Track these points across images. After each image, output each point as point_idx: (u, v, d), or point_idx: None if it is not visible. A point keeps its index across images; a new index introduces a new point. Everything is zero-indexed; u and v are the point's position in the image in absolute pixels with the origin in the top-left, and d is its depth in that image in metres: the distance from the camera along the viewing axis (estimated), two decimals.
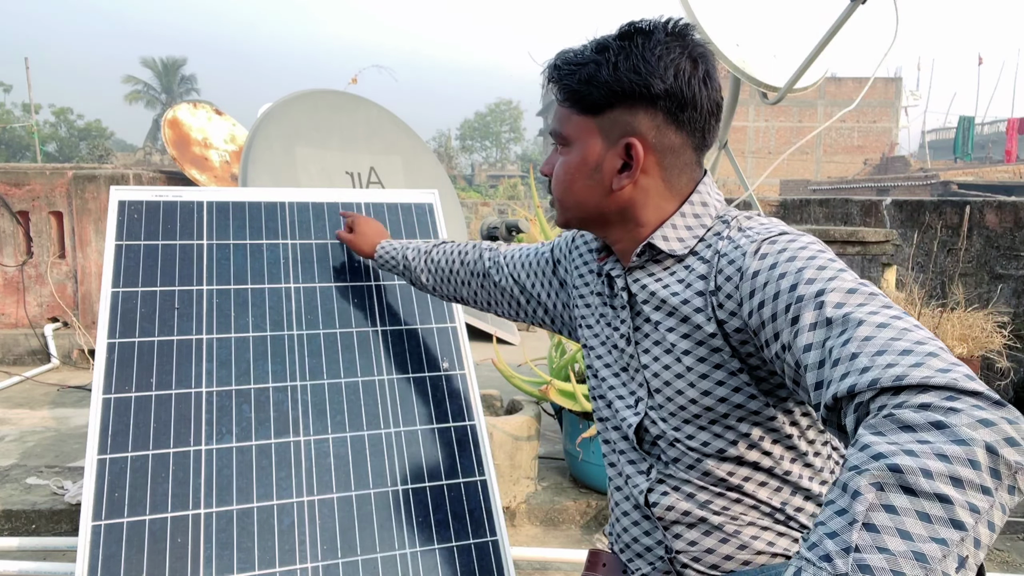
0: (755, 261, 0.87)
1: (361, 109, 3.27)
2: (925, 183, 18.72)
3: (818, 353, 0.74)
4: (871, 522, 0.55)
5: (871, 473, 0.57)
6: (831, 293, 0.76)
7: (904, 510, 0.55)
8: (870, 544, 0.55)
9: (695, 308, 0.93)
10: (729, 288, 0.90)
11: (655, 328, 0.98)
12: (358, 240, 1.72)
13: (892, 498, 0.56)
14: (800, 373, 0.77)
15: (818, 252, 0.84)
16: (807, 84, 2.88)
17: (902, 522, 0.55)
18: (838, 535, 0.56)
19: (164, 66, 48.73)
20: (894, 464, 0.56)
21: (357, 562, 1.48)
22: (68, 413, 3.62)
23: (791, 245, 0.85)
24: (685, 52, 0.92)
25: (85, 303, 4.66)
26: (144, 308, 1.65)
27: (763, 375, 0.92)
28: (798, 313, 0.77)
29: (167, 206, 1.79)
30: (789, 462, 0.95)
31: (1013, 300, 3.87)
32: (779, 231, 0.90)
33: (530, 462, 2.57)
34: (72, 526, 2.35)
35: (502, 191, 28.98)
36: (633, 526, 1.05)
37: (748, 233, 0.92)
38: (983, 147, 31.64)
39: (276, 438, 1.57)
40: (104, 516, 1.42)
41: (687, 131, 0.95)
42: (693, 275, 0.95)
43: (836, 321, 0.73)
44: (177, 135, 5.00)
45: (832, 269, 0.80)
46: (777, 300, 0.81)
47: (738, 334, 0.90)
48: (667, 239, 0.98)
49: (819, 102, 34.05)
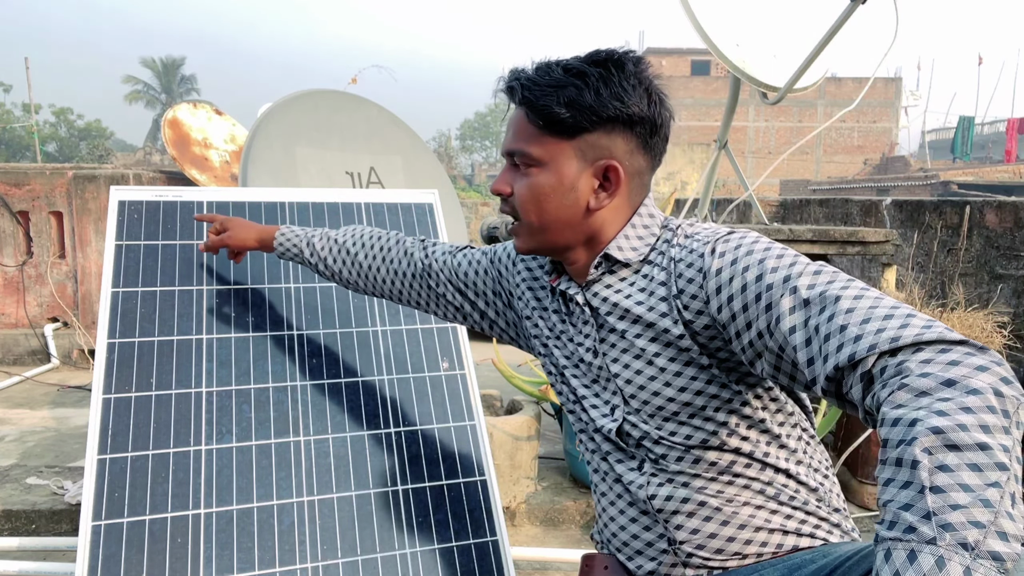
0: (715, 260, 0.92)
1: (361, 109, 3.27)
2: (925, 183, 18.72)
3: (803, 332, 0.79)
4: (936, 484, 0.60)
5: (918, 441, 0.61)
6: (800, 277, 0.82)
7: (957, 466, 0.60)
8: (943, 505, 0.59)
9: (660, 313, 0.97)
10: (692, 289, 0.95)
11: (622, 337, 1.01)
12: (238, 234, 1.55)
13: (943, 458, 0.61)
14: (785, 355, 0.83)
15: (771, 243, 0.91)
16: (807, 84, 2.88)
17: (960, 477, 0.60)
18: (912, 505, 0.61)
19: (164, 66, 48.72)
20: (934, 426, 0.61)
21: (357, 562, 1.48)
22: (68, 413, 3.62)
23: (743, 241, 0.92)
24: (650, 83, 0.99)
25: (85, 303, 4.66)
26: (144, 308, 1.65)
27: (731, 365, 0.97)
28: (771, 300, 0.83)
29: (167, 206, 1.79)
30: (766, 445, 0.99)
31: (1013, 300, 3.87)
32: (726, 231, 0.96)
33: (530, 462, 2.57)
34: (72, 526, 2.35)
35: None
36: (631, 523, 1.05)
37: (696, 237, 0.98)
38: (983, 147, 31.64)
39: (276, 438, 1.57)
40: (104, 516, 1.42)
41: (651, 155, 1.02)
42: (654, 283, 1.00)
43: (813, 300, 0.79)
44: (177, 135, 5.00)
45: (789, 256, 0.87)
46: (746, 292, 0.87)
47: (706, 331, 0.94)
48: (621, 248, 1.03)
49: (819, 102, 34.05)
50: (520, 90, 0.99)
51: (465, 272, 1.30)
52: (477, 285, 1.29)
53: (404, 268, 1.35)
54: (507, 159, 1.04)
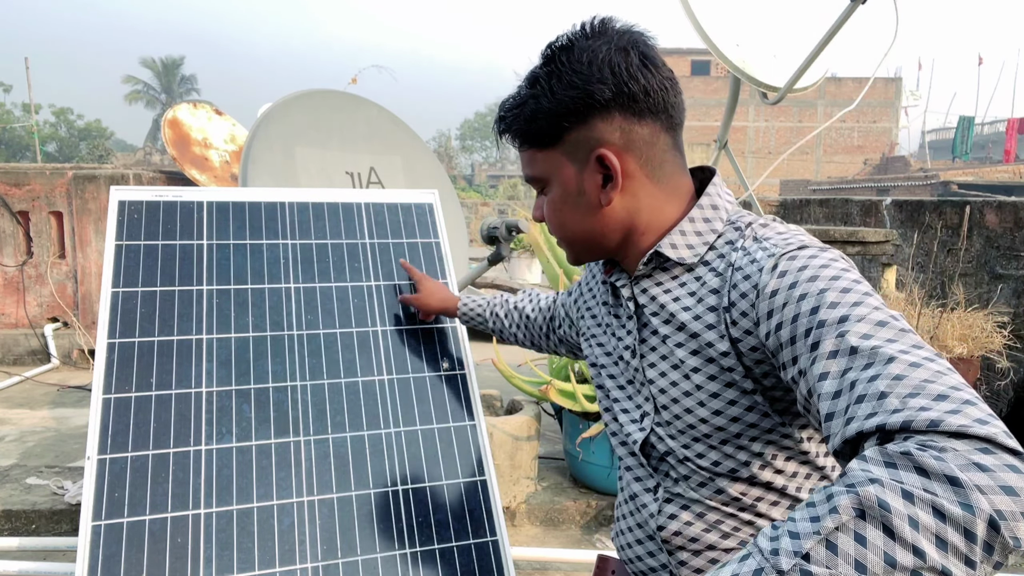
0: (773, 279, 0.81)
1: (361, 109, 3.27)
2: (925, 183, 18.72)
3: (835, 383, 0.68)
4: (834, 542, 0.54)
5: (858, 497, 0.55)
6: (858, 323, 0.70)
7: (873, 546, 0.53)
8: (823, 560, 0.54)
9: (707, 324, 0.88)
10: (744, 305, 0.85)
11: (663, 342, 0.94)
12: (423, 299, 1.73)
13: (867, 530, 0.54)
14: (811, 401, 0.73)
15: (841, 272, 0.78)
16: (807, 84, 2.88)
17: (864, 555, 0.53)
18: (799, 538, 0.55)
19: (164, 66, 48.72)
20: (884, 501, 0.54)
21: (357, 562, 1.48)
22: (68, 413, 3.62)
23: (812, 262, 0.80)
24: (611, 46, 0.88)
25: (85, 303, 4.66)
26: (144, 308, 1.65)
27: (778, 395, 0.87)
28: (818, 339, 0.72)
29: (167, 206, 1.79)
30: (804, 478, 0.91)
31: (1013, 300, 3.87)
32: (799, 244, 0.84)
33: (530, 462, 2.57)
34: (72, 526, 2.35)
35: (502, 191, 28.98)
36: (637, 544, 1.03)
37: (764, 244, 0.86)
38: (983, 147, 31.64)
39: (276, 438, 1.57)
40: (104, 516, 1.42)
41: (650, 118, 0.90)
42: (705, 288, 0.90)
43: (862, 352, 0.67)
44: (177, 135, 5.00)
45: (856, 292, 0.74)
46: (796, 322, 0.76)
47: (753, 353, 0.85)
48: (675, 246, 0.93)
49: (819, 102, 34.05)
50: (499, 124, 0.98)
51: (565, 305, 1.35)
52: (571, 316, 1.32)
53: (547, 318, 1.45)
54: None
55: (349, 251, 1.85)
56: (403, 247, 1.91)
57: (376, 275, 1.85)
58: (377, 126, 3.29)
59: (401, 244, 1.92)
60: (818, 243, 0.85)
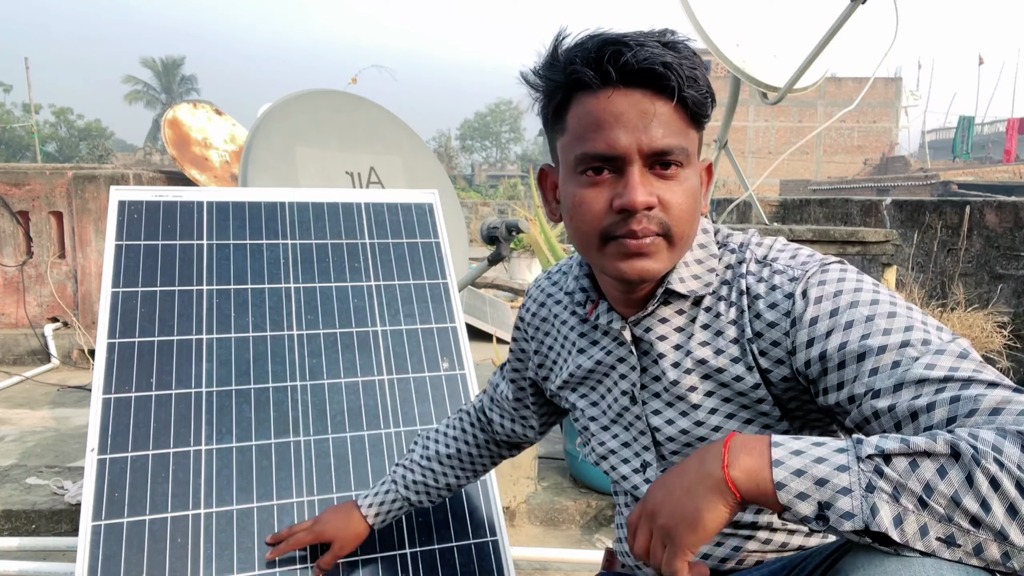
0: (811, 307, 0.78)
1: (361, 109, 3.27)
2: (925, 183, 18.72)
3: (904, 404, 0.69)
4: (918, 463, 0.60)
5: (959, 443, 0.59)
6: (932, 355, 0.70)
7: (948, 482, 0.58)
8: (899, 469, 0.60)
9: (731, 358, 0.83)
10: (775, 335, 0.80)
11: (672, 385, 0.87)
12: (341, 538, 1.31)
13: (953, 469, 0.59)
14: (869, 417, 0.72)
15: (875, 292, 0.77)
16: (807, 84, 2.88)
17: (937, 484, 0.58)
18: (887, 442, 0.61)
19: (164, 66, 48.72)
20: (979, 457, 0.58)
21: (357, 562, 1.48)
22: (68, 413, 3.62)
23: (843, 286, 0.78)
24: None
25: (85, 303, 4.66)
26: (144, 308, 1.65)
27: (800, 415, 0.85)
28: (878, 364, 0.71)
29: (167, 206, 1.79)
30: None
31: (1013, 300, 3.87)
32: (819, 265, 0.81)
33: (530, 462, 2.57)
34: (72, 526, 2.35)
35: (502, 191, 29.00)
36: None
37: (776, 267, 0.82)
38: (983, 147, 31.65)
39: (276, 438, 1.57)
40: (104, 516, 1.42)
41: None
42: (722, 320, 0.84)
43: (931, 380, 0.69)
44: (177, 135, 5.00)
45: (902, 316, 0.74)
46: (844, 349, 0.74)
47: (784, 383, 0.82)
48: (683, 280, 0.85)
49: (819, 102, 34.05)
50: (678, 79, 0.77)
51: (508, 396, 1.20)
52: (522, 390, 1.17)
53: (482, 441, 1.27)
54: (634, 162, 0.78)
55: (349, 251, 1.85)
56: (403, 247, 1.91)
57: (376, 275, 1.85)
58: (377, 126, 3.29)
59: (401, 244, 1.92)
60: (831, 257, 0.84)
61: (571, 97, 0.81)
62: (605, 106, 0.77)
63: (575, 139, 0.81)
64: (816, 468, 0.61)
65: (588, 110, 0.79)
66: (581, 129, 0.80)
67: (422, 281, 1.88)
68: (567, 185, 0.84)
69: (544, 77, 0.83)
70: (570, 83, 0.80)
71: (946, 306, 3.60)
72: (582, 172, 0.81)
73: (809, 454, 0.63)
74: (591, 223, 0.81)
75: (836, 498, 0.60)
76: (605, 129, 0.77)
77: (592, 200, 0.80)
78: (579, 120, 0.80)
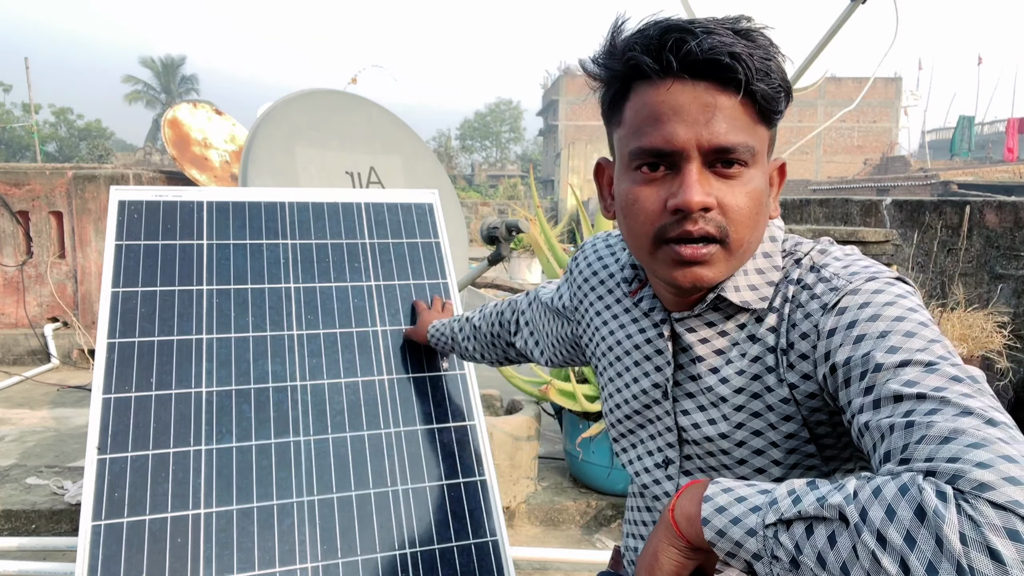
0: (832, 318, 0.72)
1: (361, 109, 3.27)
2: (925, 183, 18.72)
3: (899, 426, 0.61)
4: (813, 528, 0.58)
5: (851, 502, 0.56)
6: (919, 373, 0.63)
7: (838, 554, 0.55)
8: (796, 536, 0.58)
9: (766, 367, 0.78)
10: (804, 347, 0.75)
11: (705, 391, 0.83)
12: (418, 330, 1.70)
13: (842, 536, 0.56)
14: (864, 439, 0.67)
15: (908, 312, 0.69)
16: (807, 84, 2.88)
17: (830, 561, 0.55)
18: (788, 510, 0.59)
19: (164, 66, 48.72)
20: (871, 522, 0.54)
21: (357, 562, 1.48)
22: (68, 413, 3.62)
23: (875, 298, 0.70)
24: None
25: (85, 303, 4.66)
26: (144, 308, 1.65)
27: (829, 443, 0.80)
28: (873, 383, 0.65)
29: (167, 206, 1.79)
30: None
31: (1013, 300, 3.87)
32: (867, 276, 0.73)
33: (530, 462, 2.57)
34: (72, 526, 2.35)
35: (502, 191, 29.00)
36: None
37: (825, 275, 0.76)
38: (983, 147, 31.64)
39: (276, 438, 1.57)
40: (104, 516, 1.41)
41: None
42: (762, 327, 0.79)
43: (930, 398, 0.61)
44: (177, 135, 5.00)
45: (922, 338, 0.66)
46: (849, 364, 0.68)
47: (810, 400, 0.76)
48: (739, 289, 0.79)
49: (819, 102, 34.05)
50: (747, 71, 0.70)
51: (543, 328, 1.21)
52: (555, 340, 1.17)
53: (499, 326, 1.36)
54: (693, 159, 0.73)
55: (349, 251, 1.85)
56: (403, 247, 1.91)
57: (376, 275, 1.85)
58: (377, 126, 3.29)
59: (401, 244, 1.92)
60: (889, 272, 0.75)
61: (630, 87, 0.76)
62: (664, 98, 0.72)
63: (631, 132, 0.76)
64: (732, 529, 0.62)
65: (646, 102, 0.73)
66: (638, 122, 0.75)
67: (422, 281, 1.88)
68: (621, 181, 0.79)
69: (602, 65, 0.78)
70: (628, 72, 0.75)
71: (946, 306, 3.60)
72: (637, 168, 0.75)
73: (737, 494, 0.64)
74: (644, 224, 0.76)
75: (752, 560, 0.61)
76: (663, 122, 0.72)
77: (646, 199, 0.75)
78: (636, 112, 0.75)
